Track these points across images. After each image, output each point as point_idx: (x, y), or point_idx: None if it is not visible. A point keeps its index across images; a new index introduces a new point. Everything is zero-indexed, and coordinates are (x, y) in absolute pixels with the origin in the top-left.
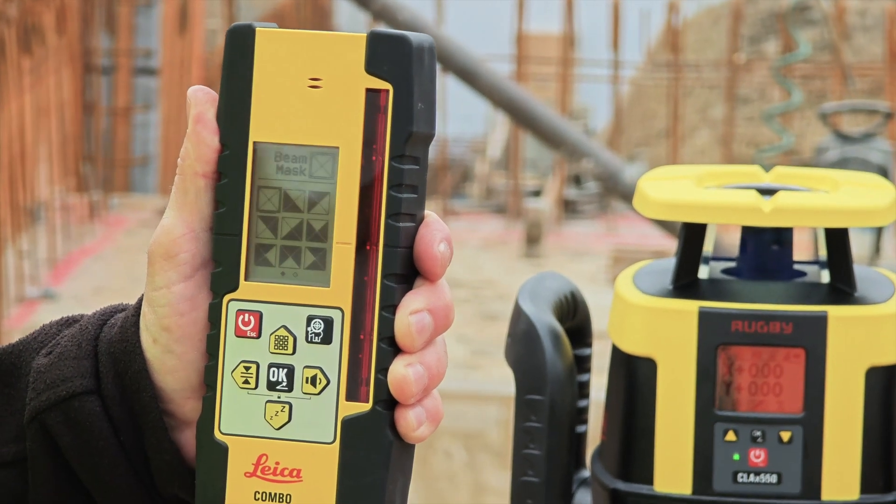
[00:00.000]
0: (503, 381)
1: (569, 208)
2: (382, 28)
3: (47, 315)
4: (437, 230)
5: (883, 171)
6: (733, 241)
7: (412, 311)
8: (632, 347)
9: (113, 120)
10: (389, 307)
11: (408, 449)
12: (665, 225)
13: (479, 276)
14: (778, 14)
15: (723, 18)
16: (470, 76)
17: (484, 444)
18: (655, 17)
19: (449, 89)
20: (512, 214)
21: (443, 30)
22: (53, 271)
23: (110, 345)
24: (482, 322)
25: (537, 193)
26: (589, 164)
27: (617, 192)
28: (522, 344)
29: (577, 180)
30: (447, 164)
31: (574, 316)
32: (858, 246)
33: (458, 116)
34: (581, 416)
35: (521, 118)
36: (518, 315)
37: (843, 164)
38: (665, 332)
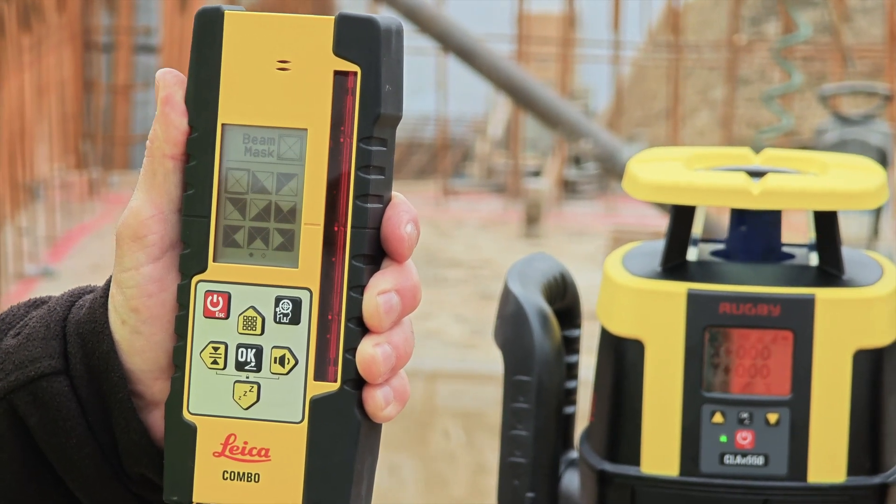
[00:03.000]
0: (501, 360)
1: (568, 188)
2: (350, 11)
3: (46, 292)
4: (404, 211)
5: (882, 153)
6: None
7: (380, 292)
8: (620, 329)
9: (113, 98)
10: (357, 288)
11: (375, 428)
12: (663, 206)
13: (477, 256)
14: None
15: None
16: (468, 56)
17: (483, 423)
18: None
19: (450, 69)
20: (511, 194)
21: (443, 9)
22: (52, 249)
23: (78, 326)
24: (481, 302)
25: (537, 173)
26: (587, 144)
27: (616, 172)
28: (511, 325)
29: (577, 160)
30: (448, 144)
31: (564, 297)
32: (857, 227)
33: (460, 96)
34: (569, 397)
35: (520, 98)
36: (507, 296)
37: (842, 145)
38: (653, 314)
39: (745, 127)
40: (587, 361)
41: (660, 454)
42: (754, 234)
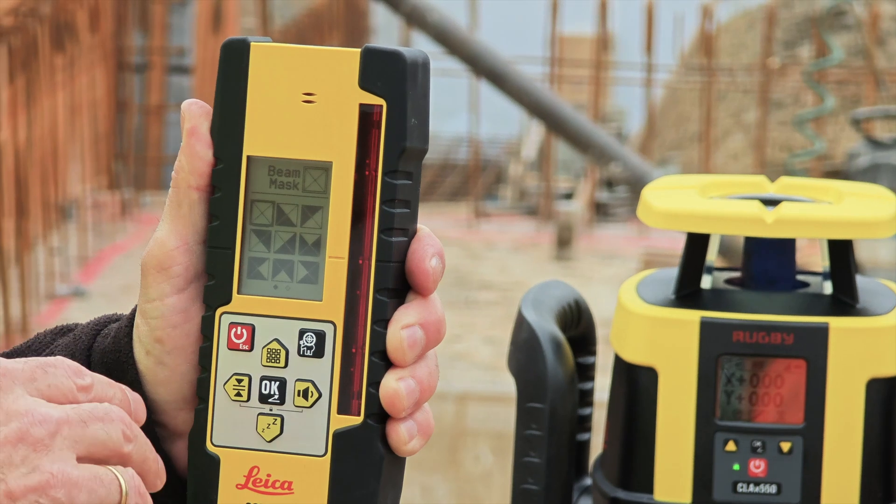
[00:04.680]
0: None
1: (600, 211)
2: (376, 44)
3: (77, 312)
4: (429, 245)
5: None
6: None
7: (404, 326)
8: (633, 356)
9: (146, 118)
10: (381, 321)
11: (398, 462)
12: None
13: (509, 278)
14: (812, 19)
15: (757, 23)
16: (498, 79)
17: (513, 445)
18: (689, 21)
19: (483, 90)
20: (543, 216)
21: (475, 31)
22: (84, 269)
23: (103, 355)
24: (511, 324)
25: (569, 196)
26: (616, 168)
27: None
28: (524, 352)
29: (609, 184)
30: (480, 166)
31: (578, 324)
32: (887, 253)
33: (493, 117)
34: (583, 424)
35: (550, 121)
36: (520, 323)
37: (874, 170)
38: (666, 342)
39: (778, 150)
40: (607, 384)
41: (673, 482)
42: (769, 262)
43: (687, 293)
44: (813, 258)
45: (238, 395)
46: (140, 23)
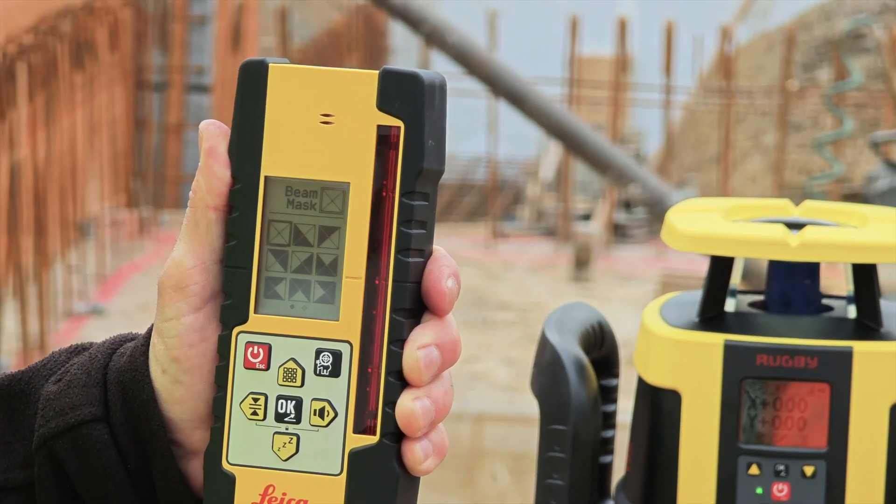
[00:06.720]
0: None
1: (618, 232)
2: (394, 66)
3: (95, 330)
4: (445, 266)
5: None
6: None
7: (420, 346)
8: (656, 379)
9: (164, 137)
10: (398, 341)
11: (413, 481)
12: None
13: (526, 299)
14: (832, 42)
15: (776, 45)
16: (517, 99)
17: (530, 466)
18: (708, 43)
19: (501, 111)
20: (561, 237)
21: (494, 52)
22: (102, 287)
23: (119, 374)
24: (529, 345)
25: (587, 217)
26: (636, 189)
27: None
28: (547, 374)
29: (627, 205)
30: (498, 186)
31: (601, 346)
32: None
33: (511, 138)
34: (606, 446)
35: (568, 142)
36: (544, 345)
37: (892, 192)
38: (690, 365)
39: (796, 173)
40: (628, 406)
41: None
42: (793, 285)
43: (711, 316)
44: (833, 281)
45: (254, 413)
46: (159, 41)
